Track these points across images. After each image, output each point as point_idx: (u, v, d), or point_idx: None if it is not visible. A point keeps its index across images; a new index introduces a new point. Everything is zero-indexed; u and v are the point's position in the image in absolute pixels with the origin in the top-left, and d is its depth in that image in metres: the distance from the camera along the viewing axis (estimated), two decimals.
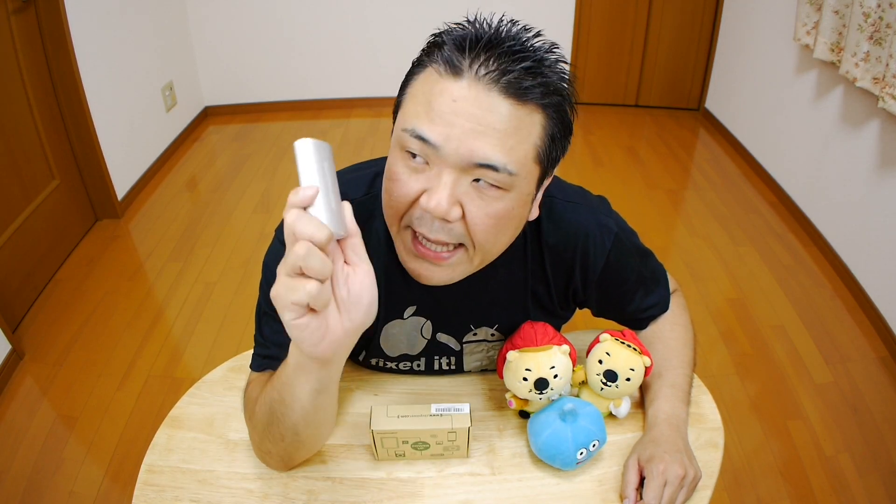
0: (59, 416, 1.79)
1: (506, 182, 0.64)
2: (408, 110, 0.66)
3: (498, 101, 0.62)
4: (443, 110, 0.62)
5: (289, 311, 0.54)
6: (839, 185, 2.45)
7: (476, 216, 0.66)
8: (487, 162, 0.62)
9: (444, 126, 0.62)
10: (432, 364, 0.94)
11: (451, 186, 0.63)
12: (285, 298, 0.53)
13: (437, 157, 0.63)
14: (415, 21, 3.55)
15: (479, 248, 0.69)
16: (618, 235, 0.85)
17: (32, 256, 2.26)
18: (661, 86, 3.82)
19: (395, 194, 0.67)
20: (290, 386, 0.66)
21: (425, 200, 0.64)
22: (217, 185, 3.05)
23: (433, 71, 0.64)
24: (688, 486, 0.76)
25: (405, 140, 0.64)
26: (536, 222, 0.82)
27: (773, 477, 1.64)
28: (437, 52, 0.64)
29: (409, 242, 0.70)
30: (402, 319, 0.87)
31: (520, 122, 0.63)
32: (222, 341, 2.07)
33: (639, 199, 2.95)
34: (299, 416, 0.69)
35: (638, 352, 0.83)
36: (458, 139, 0.62)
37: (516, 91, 0.62)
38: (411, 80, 0.67)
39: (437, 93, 0.63)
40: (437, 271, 0.71)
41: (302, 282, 0.52)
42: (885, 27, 2.06)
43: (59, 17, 2.31)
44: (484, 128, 0.61)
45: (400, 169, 0.66)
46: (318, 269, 0.51)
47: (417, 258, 0.71)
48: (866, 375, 1.96)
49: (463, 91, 0.62)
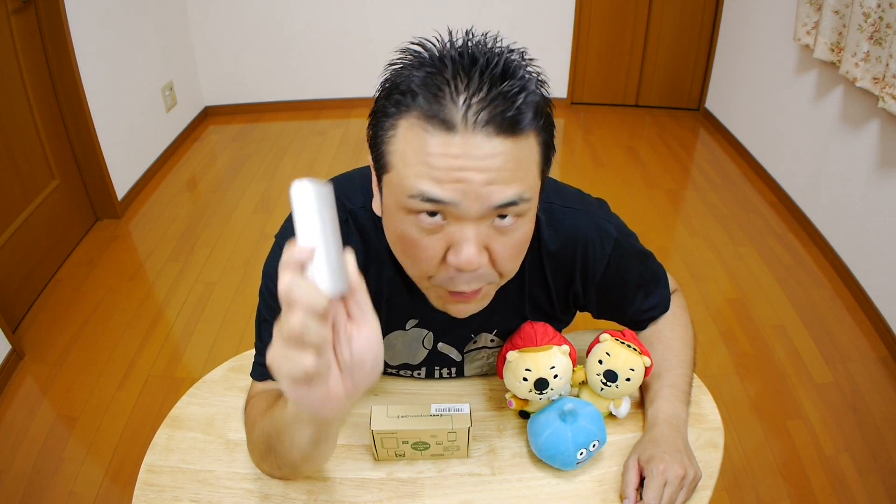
0: (59, 416, 1.79)
1: (523, 210, 0.64)
2: (403, 172, 0.61)
3: (498, 143, 0.59)
4: (449, 168, 0.59)
5: (283, 380, 0.51)
6: (839, 185, 2.45)
7: (502, 253, 0.65)
8: (506, 202, 0.61)
9: (455, 183, 0.59)
10: (433, 373, 0.94)
11: (476, 237, 0.62)
12: (282, 370, 0.50)
13: (454, 213, 0.61)
14: (415, 21, 3.55)
15: (505, 275, 0.70)
16: (617, 240, 0.85)
17: (32, 256, 2.26)
18: (661, 86, 3.82)
19: (420, 259, 0.65)
20: (288, 433, 0.66)
21: (454, 259, 0.62)
22: (217, 185, 3.05)
23: (415, 126, 0.59)
24: (688, 486, 0.76)
25: (415, 205, 0.61)
26: (537, 230, 0.81)
27: (773, 477, 1.64)
28: (407, 101, 0.60)
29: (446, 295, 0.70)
30: (403, 331, 0.87)
31: (521, 154, 0.61)
32: (222, 341, 2.07)
33: (639, 199, 2.95)
34: (298, 458, 0.70)
35: (638, 352, 0.83)
36: (474, 192, 0.59)
37: (514, 129, 0.59)
38: (385, 137, 0.63)
39: (434, 152, 0.59)
40: (472, 305, 0.72)
41: (299, 355, 0.48)
42: (885, 27, 2.06)
43: (59, 17, 2.31)
44: (494, 173, 0.59)
45: (414, 234, 0.63)
46: (315, 341, 0.48)
47: (454, 303, 0.70)
48: (866, 375, 1.96)
49: (462, 146, 0.58)
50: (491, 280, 0.69)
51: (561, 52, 3.68)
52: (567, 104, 3.88)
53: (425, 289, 0.72)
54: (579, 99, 3.90)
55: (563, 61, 3.72)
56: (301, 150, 3.36)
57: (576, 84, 3.84)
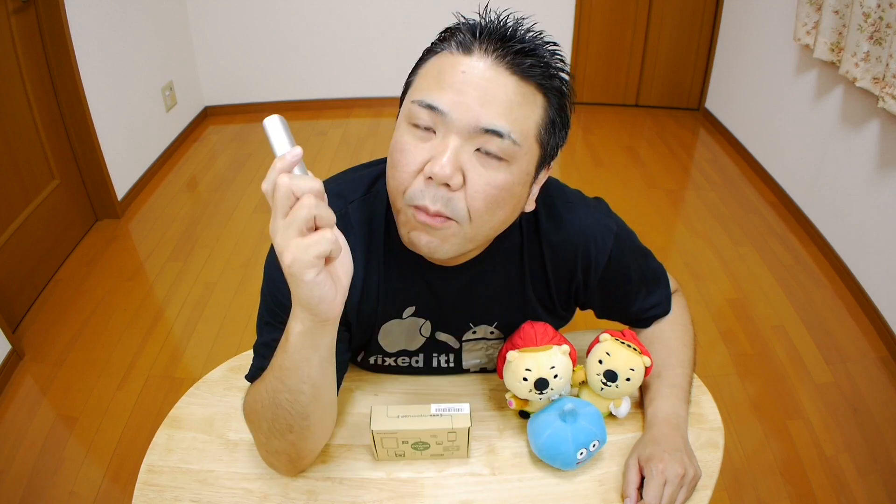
0: (59, 416, 1.79)
1: (509, 152, 0.67)
2: (418, 86, 0.70)
3: (504, 75, 0.66)
4: (453, 80, 0.66)
5: (310, 269, 0.56)
6: (839, 185, 2.45)
7: (477, 184, 0.67)
8: (493, 127, 0.65)
9: (453, 94, 0.65)
10: (431, 361, 0.94)
11: (456, 151, 0.66)
12: (305, 256, 0.55)
13: (444, 123, 0.66)
14: (414, 21, 3.55)
15: (475, 220, 0.69)
16: (618, 235, 0.85)
17: (32, 256, 2.26)
18: (661, 86, 3.82)
19: (400, 164, 0.69)
20: (295, 368, 0.66)
21: (429, 167, 0.66)
22: (217, 185, 3.05)
23: (445, 52, 0.69)
24: (688, 485, 0.76)
25: (414, 111, 0.67)
26: (536, 223, 0.82)
27: (773, 477, 1.64)
28: (451, 38, 0.69)
29: (412, 214, 0.70)
30: (400, 319, 0.87)
31: (523, 98, 0.67)
32: (222, 341, 2.07)
33: (639, 199, 2.95)
34: (309, 397, 0.69)
35: (638, 352, 0.83)
36: (466, 105, 0.65)
37: (521, 69, 0.67)
38: (422, 64, 0.71)
39: (448, 66, 0.67)
40: (435, 241, 0.70)
41: (318, 234, 0.55)
42: (885, 27, 2.06)
43: (59, 17, 2.31)
44: (491, 97, 0.65)
45: (406, 139, 0.68)
46: (328, 217, 0.55)
47: (417, 231, 0.70)
48: (866, 375, 1.96)
49: (472, 64, 0.66)
50: (457, 215, 0.68)
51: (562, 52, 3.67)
52: None
53: (398, 211, 0.73)
54: (579, 99, 3.90)
55: None
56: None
57: (576, 84, 3.84)
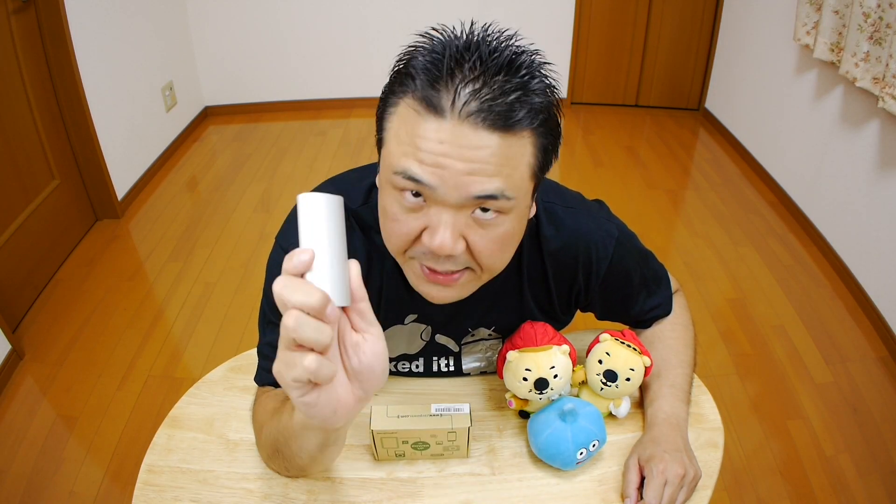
0: (59, 416, 1.79)
1: (505, 207, 0.63)
2: (393, 150, 0.63)
3: (486, 136, 0.59)
4: (431, 151, 0.59)
5: (292, 391, 0.50)
6: (839, 185, 2.45)
7: (480, 245, 0.65)
8: (485, 194, 0.61)
9: (435, 167, 0.59)
10: (431, 365, 0.94)
11: (452, 224, 0.62)
12: (285, 376, 0.49)
13: (433, 196, 0.61)
14: (414, 21, 3.53)
15: (487, 269, 0.69)
16: (619, 239, 0.85)
17: (32, 256, 2.26)
18: (661, 86, 3.82)
19: (396, 234, 0.66)
20: (295, 439, 0.66)
21: (428, 240, 0.63)
22: (217, 185, 3.05)
23: (411, 107, 0.60)
24: (688, 486, 0.76)
25: (398, 182, 0.62)
26: (535, 228, 0.82)
27: (773, 477, 1.64)
28: (409, 83, 0.61)
29: (419, 270, 0.69)
30: (402, 325, 0.87)
31: (510, 151, 0.61)
32: (222, 341, 2.07)
33: (639, 199, 2.95)
34: (306, 461, 0.70)
35: (638, 352, 0.83)
36: (452, 179, 0.60)
37: (504, 124, 0.59)
38: (387, 115, 0.64)
39: (421, 135, 0.59)
40: (448, 292, 0.71)
41: (299, 356, 0.47)
42: (885, 27, 2.06)
43: (59, 17, 2.31)
44: (477, 165, 0.59)
45: (397, 210, 0.64)
46: (312, 339, 0.46)
47: (429, 283, 0.70)
48: (866, 375, 1.96)
49: (448, 132, 0.59)
50: (469, 267, 0.68)
51: (561, 52, 3.68)
52: (567, 104, 3.88)
53: (403, 264, 0.72)
54: (579, 99, 3.91)
55: (562, 61, 3.72)
56: (301, 150, 3.35)
57: (576, 84, 3.84)
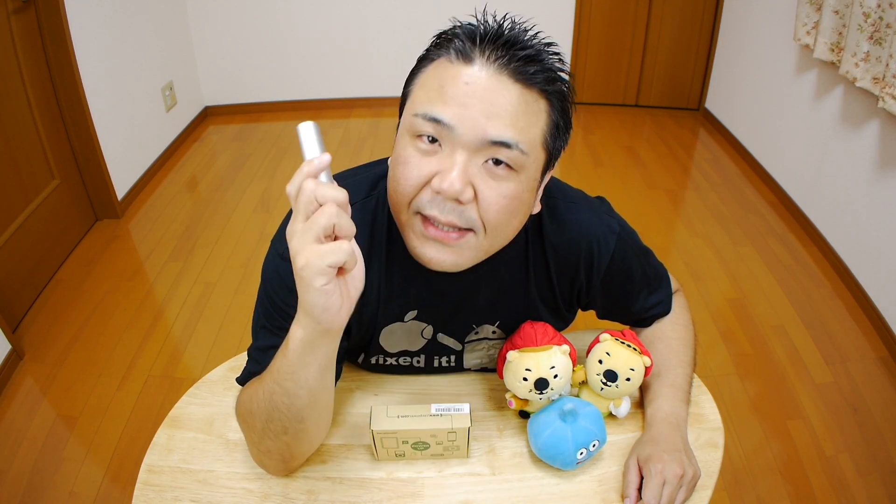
0: (59, 416, 1.79)
1: (518, 161, 0.66)
2: (418, 97, 0.68)
3: (508, 84, 0.65)
4: (456, 93, 0.64)
5: (321, 277, 0.55)
6: (839, 185, 2.45)
7: (489, 196, 0.66)
8: (501, 139, 0.64)
9: (458, 107, 0.64)
10: (432, 361, 0.94)
11: (464, 166, 0.65)
12: (319, 263, 0.54)
13: (450, 137, 0.65)
14: (414, 21, 3.55)
15: (490, 231, 0.69)
16: (620, 235, 0.85)
17: (32, 256, 2.26)
18: (661, 86, 3.82)
19: (405, 177, 0.67)
20: (294, 373, 0.66)
21: (437, 182, 0.65)
22: (217, 185, 3.05)
23: (444, 60, 0.67)
24: (687, 485, 0.76)
25: (417, 124, 0.66)
26: (539, 223, 0.82)
27: (773, 477, 1.64)
28: (448, 45, 0.67)
29: (420, 225, 0.69)
30: (402, 322, 0.87)
31: (528, 106, 0.66)
32: (222, 341, 2.07)
33: (639, 199, 2.95)
34: (305, 402, 0.68)
35: (638, 352, 0.83)
36: (472, 119, 0.64)
37: (524, 76, 0.65)
38: (419, 73, 0.70)
39: (450, 77, 0.65)
40: (446, 255, 0.70)
41: (336, 244, 0.54)
42: (885, 27, 2.06)
43: (59, 17, 2.31)
44: (496, 108, 0.64)
45: (410, 153, 0.67)
46: (347, 228, 0.55)
47: (428, 241, 0.69)
48: (866, 375, 1.96)
49: (475, 75, 0.65)
50: (471, 224, 0.68)
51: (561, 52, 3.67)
52: None
53: (404, 224, 0.71)
54: (579, 99, 3.89)
55: None
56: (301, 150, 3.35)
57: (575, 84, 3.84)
